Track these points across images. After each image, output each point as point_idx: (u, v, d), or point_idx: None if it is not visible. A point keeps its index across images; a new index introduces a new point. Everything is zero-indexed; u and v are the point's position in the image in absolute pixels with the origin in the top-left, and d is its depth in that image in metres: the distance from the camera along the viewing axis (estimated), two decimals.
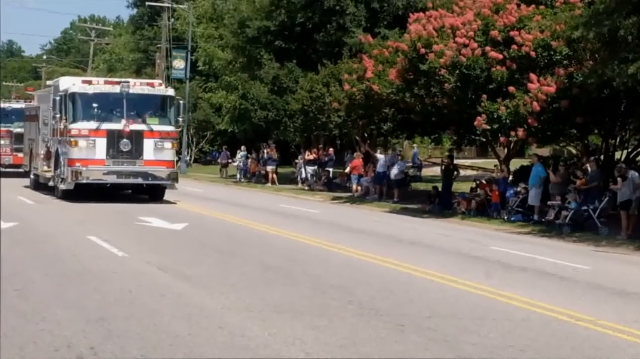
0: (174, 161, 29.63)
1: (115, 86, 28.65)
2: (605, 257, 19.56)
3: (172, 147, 28.84)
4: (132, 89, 28.44)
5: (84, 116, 27.95)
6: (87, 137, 27.63)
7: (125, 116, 27.85)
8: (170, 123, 28.87)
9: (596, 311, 12.26)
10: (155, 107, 29.14)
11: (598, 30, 21.79)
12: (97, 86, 28.77)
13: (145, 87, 29.37)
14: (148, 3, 70.22)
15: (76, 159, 27.64)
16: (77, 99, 28.04)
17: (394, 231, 23.44)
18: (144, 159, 28.03)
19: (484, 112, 25.45)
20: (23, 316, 10.57)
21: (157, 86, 30.21)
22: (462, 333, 10.52)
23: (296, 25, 43.48)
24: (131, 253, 16.60)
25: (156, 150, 28.13)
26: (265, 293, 12.79)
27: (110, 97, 28.26)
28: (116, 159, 27.79)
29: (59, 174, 28.75)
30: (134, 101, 28.35)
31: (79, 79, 30.39)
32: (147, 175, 28.28)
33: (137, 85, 29.53)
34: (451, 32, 27.18)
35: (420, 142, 52.36)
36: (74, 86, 28.54)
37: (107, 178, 28.03)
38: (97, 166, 27.70)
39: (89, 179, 27.71)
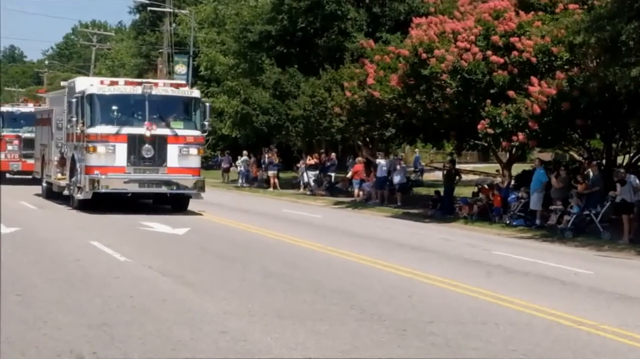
0: (200, 168, 27.46)
1: (136, 87, 26.48)
2: (608, 262, 19.54)
3: (198, 154, 26.77)
4: (155, 91, 26.28)
5: (103, 120, 25.90)
6: (106, 142, 25.54)
7: (147, 120, 25.79)
8: (195, 127, 26.78)
9: (598, 315, 12.25)
10: (180, 110, 27.10)
11: (599, 36, 21.79)
12: (117, 87, 26.64)
13: (169, 89, 27.02)
14: (150, 8, 70.27)
15: (94, 166, 25.57)
16: (96, 101, 25.94)
17: (396, 235, 23.44)
18: (168, 166, 25.91)
19: (487, 116, 25.45)
20: (25, 322, 10.57)
21: (182, 87, 27.91)
22: (464, 337, 10.51)
23: (298, 30, 43.49)
24: (133, 258, 16.60)
25: (181, 156, 26.06)
26: (267, 298, 12.79)
27: (131, 99, 26.28)
28: (138, 166, 25.71)
29: (75, 182, 26.72)
30: (157, 103, 26.29)
31: (97, 79, 28.41)
32: (172, 183, 26.13)
33: (161, 86, 27.26)
34: (452, 37, 27.19)
35: (422, 147, 52.36)
36: (91, 87, 26.41)
37: (128, 187, 25.93)
38: (117, 173, 25.60)
39: (108, 189, 25.58)
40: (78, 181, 26.33)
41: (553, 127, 25.11)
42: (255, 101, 45.04)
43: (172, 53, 64.34)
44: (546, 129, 25.05)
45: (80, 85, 27.31)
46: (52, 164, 30.25)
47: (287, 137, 45.06)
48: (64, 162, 28.57)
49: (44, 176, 32.46)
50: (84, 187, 25.83)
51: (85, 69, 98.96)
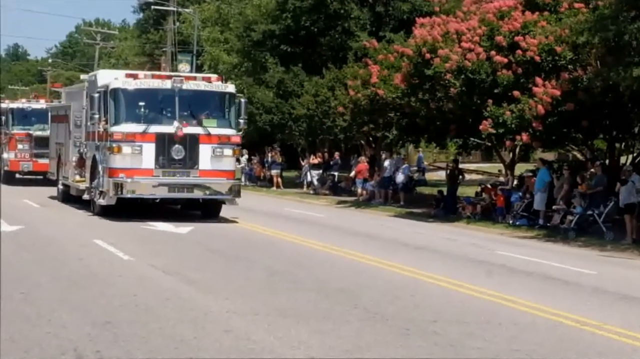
0: (235, 171, 25.40)
1: (165, 81, 24.00)
2: (611, 262, 19.53)
3: (233, 155, 24.44)
4: (186, 85, 23.91)
5: (129, 117, 23.58)
6: (132, 142, 23.21)
7: (177, 117, 23.56)
8: (230, 125, 24.29)
9: (602, 316, 12.24)
10: (213, 107, 24.74)
11: (603, 35, 21.79)
12: (144, 81, 24.02)
13: (201, 83, 24.52)
14: (154, 7, 70.31)
15: (119, 168, 23.23)
16: (120, 96, 23.60)
17: (399, 235, 23.44)
18: (200, 169, 23.63)
19: (490, 116, 25.44)
20: (28, 320, 10.59)
21: (215, 81, 25.03)
22: (468, 337, 10.51)
23: (301, 29, 43.48)
24: (137, 257, 16.62)
25: (214, 158, 23.70)
26: (270, 297, 12.80)
27: (159, 94, 23.93)
28: (167, 168, 23.38)
29: (97, 186, 24.30)
30: (188, 99, 24.04)
31: (121, 72, 25.67)
32: (204, 188, 23.72)
33: (192, 80, 24.75)
34: (456, 37, 27.17)
35: (426, 146, 52.34)
36: (116, 81, 23.93)
37: (157, 192, 23.51)
38: (145, 177, 23.26)
39: (134, 193, 23.27)
40: (100, 184, 24.04)
41: (557, 127, 25.09)
42: (259, 100, 45.03)
43: (176, 52, 64.41)
44: (550, 130, 25.04)
45: (103, 79, 25.16)
46: (70, 164, 28.04)
47: (291, 136, 45.05)
48: (83, 163, 26.48)
49: (60, 177, 29.98)
50: (107, 192, 23.50)
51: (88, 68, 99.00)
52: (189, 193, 23.86)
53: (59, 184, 30.12)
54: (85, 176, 26.09)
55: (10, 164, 39.22)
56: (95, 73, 26.85)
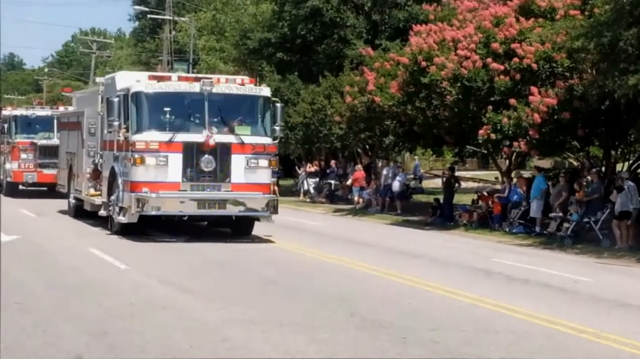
0: (271, 184, 22.86)
1: (193, 84, 21.58)
2: (608, 269, 19.53)
3: (268, 166, 21.89)
4: (216, 88, 21.48)
5: (152, 124, 21.23)
6: (157, 152, 20.80)
7: (207, 124, 21.13)
8: (265, 133, 21.93)
9: (599, 323, 12.24)
10: (247, 112, 22.30)
11: (598, 41, 21.82)
12: (170, 83, 21.62)
13: (233, 86, 22.09)
14: (150, 16, 70.36)
15: (142, 182, 20.77)
16: (143, 100, 21.22)
17: (396, 243, 23.43)
18: (232, 182, 21.26)
19: (488, 122, 25.46)
20: (24, 330, 10.57)
21: (248, 84, 22.81)
22: (465, 345, 10.50)
23: (297, 37, 43.52)
24: (133, 266, 16.60)
25: (248, 170, 21.40)
26: (267, 305, 12.78)
27: (186, 99, 21.63)
28: (195, 181, 20.99)
29: (116, 201, 21.76)
30: (219, 104, 21.67)
31: (144, 74, 23.24)
32: (237, 203, 21.27)
33: (223, 82, 22.23)
34: (452, 45, 27.21)
35: (422, 154, 52.39)
36: (138, 84, 21.47)
37: (184, 208, 21.08)
38: (171, 191, 20.84)
39: (159, 210, 20.83)
40: (120, 199, 21.49)
41: (553, 135, 25.12)
42: None
43: (172, 60, 64.42)
44: (546, 138, 25.05)
45: (123, 82, 22.60)
46: (83, 176, 25.49)
47: (287, 144, 45.05)
48: (98, 175, 24.15)
49: (72, 190, 27.29)
50: (128, 208, 21.00)
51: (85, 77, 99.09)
52: (220, 209, 21.34)
53: (70, 197, 27.65)
54: (101, 190, 23.87)
55: (14, 175, 36.93)
56: (114, 75, 24.51)
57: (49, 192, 34.19)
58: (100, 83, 24.99)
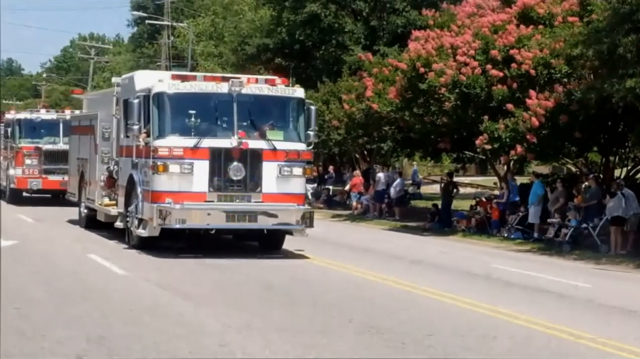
0: (305, 195, 21.41)
1: (221, 84, 19.65)
2: (606, 275, 19.55)
3: (303, 175, 20.03)
4: (246, 89, 19.59)
5: (176, 128, 19.40)
6: (181, 159, 18.93)
7: (236, 128, 19.32)
8: (299, 139, 20.08)
9: (597, 329, 12.25)
10: (279, 115, 20.56)
11: (597, 48, 21.85)
12: (195, 84, 19.72)
13: (264, 87, 20.18)
14: (148, 21, 70.42)
15: (164, 191, 18.91)
16: (166, 102, 19.41)
17: (395, 249, 23.43)
18: (263, 192, 19.39)
19: (485, 131, 25.48)
20: (23, 335, 10.57)
21: (280, 84, 20.73)
22: (463, 351, 10.52)
23: (296, 43, 43.58)
24: (131, 272, 16.60)
25: (281, 179, 19.53)
26: (265, 311, 12.79)
27: (213, 100, 19.73)
28: (223, 191, 19.16)
29: (134, 212, 19.96)
30: (249, 106, 19.83)
31: (166, 74, 21.84)
32: (270, 216, 19.32)
33: (253, 82, 20.24)
34: (451, 51, 27.24)
35: (420, 160, 52.42)
36: (160, 84, 19.57)
37: (212, 221, 19.01)
38: (197, 202, 18.97)
39: (184, 223, 18.84)
40: (139, 210, 19.67)
41: (551, 140, 25.13)
42: None
43: (170, 66, 64.46)
44: (544, 143, 25.07)
45: (143, 82, 20.64)
46: (96, 184, 23.64)
47: None
48: (113, 184, 22.39)
49: (84, 199, 25.32)
50: (148, 221, 19.21)
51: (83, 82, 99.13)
52: (251, 223, 19.34)
53: (81, 206, 25.62)
54: (116, 199, 22.14)
55: (17, 182, 34.90)
56: (132, 74, 22.35)
57: (53, 200, 33.57)
58: (115, 84, 22.96)
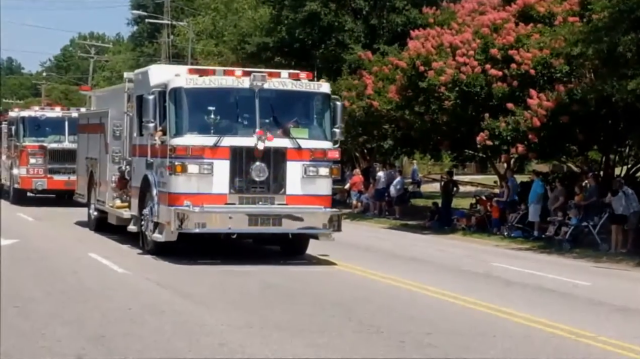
0: (331, 196, 19.70)
1: (242, 79, 18.40)
2: (606, 274, 19.54)
3: (329, 175, 18.79)
4: (269, 83, 18.42)
5: (194, 126, 18.18)
6: (201, 158, 17.78)
7: (258, 126, 18.07)
8: (325, 136, 18.85)
9: (597, 327, 12.25)
10: (304, 112, 19.39)
11: (597, 47, 21.84)
12: (214, 78, 18.54)
13: (288, 81, 18.87)
14: (148, 20, 70.40)
15: (183, 193, 17.77)
16: (183, 98, 18.21)
17: (395, 247, 23.42)
18: (287, 194, 18.22)
19: (486, 128, 25.48)
20: (23, 334, 10.57)
21: (304, 79, 19.22)
22: (463, 349, 10.51)
23: (295, 42, 43.54)
24: (131, 270, 16.59)
25: (306, 179, 18.37)
26: (265, 310, 12.78)
27: (234, 96, 18.63)
28: (245, 193, 17.98)
29: (149, 215, 18.80)
30: (271, 102, 18.67)
31: (183, 68, 20.59)
32: (294, 219, 18.11)
33: (275, 77, 18.95)
34: (450, 50, 27.23)
35: (420, 158, 52.41)
36: (177, 79, 18.39)
37: (233, 225, 17.77)
38: (217, 205, 17.87)
39: (204, 227, 17.63)
40: (154, 213, 18.51)
41: (552, 139, 25.13)
42: None
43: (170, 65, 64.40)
44: (545, 142, 25.07)
45: (158, 76, 19.50)
46: (107, 185, 22.52)
47: None
48: (125, 184, 21.32)
49: (94, 200, 24.25)
50: (165, 224, 18.03)
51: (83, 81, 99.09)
52: (275, 226, 18.12)
53: (90, 208, 24.56)
54: (128, 201, 21.12)
55: (22, 181, 33.92)
56: (146, 69, 21.09)
57: (58, 200, 33.07)
58: (127, 79, 21.90)
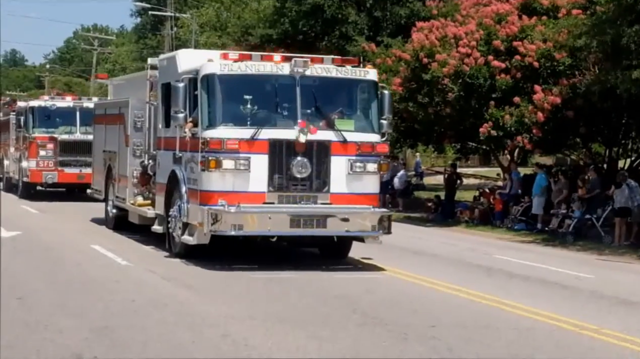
0: (379, 195, 18.28)
1: (281, 65, 16.64)
2: (609, 266, 19.53)
3: (377, 171, 17.05)
4: (311, 70, 16.62)
5: (229, 116, 16.42)
6: (237, 153, 16.00)
7: (299, 117, 16.30)
8: (372, 128, 17.05)
9: (600, 320, 12.24)
10: (349, 101, 17.64)
11: (601, 39, 21.80)
12: (251, 64, 16.61)
13: (332, 67, 17.00)
14: (151, 12, 70.35)
15: (217, 191, 16.00)
16: (217, 86, 16.38)
17: (397, 240, 23.33)
18: (331, 192, 16.43)
19: (490, 119, 25.46)
20: (26, 325, 10.58)
21: (349, 64, 17.43)
22: (466, 342, 10.51)
23: (299, 34, 43.52)
24: (134, 262, 16.60)
25: (352, 176, 16.57)
26: (268, 302, 12.79)
27: (273, 84, 16.78)
28: (285, 191, 16.21)
29: (177, 215, 17.03)
30: (314, 90, 16.82)
31: (216, 53, 18.46)
32: (341, 220, 16.27)
33: (318, 63, 17.04)
34: (454, 41, 27.20)
35: (424, 151, 52.40)
36: (210, 65, 16.52)
37: (274, 226, 16.03)
38: (255, 204, 16.05)
39: (241, 229, 15.82)
40: (183, 213, 16.76)
41: (556, 133, 25.13)
42: None
43: None
44: (549, 135, 25.06)
45: (189, 62, 17.71)
46: (127, 181, 20.94)
47: None
48: (148, 180, 19.87)
49: (112, 197, 22.65)
50: (198, 226, 16.24)
51: (86, 73, 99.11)
52: (319, 229, 16.30)
53: (108, 205, 23.00)
54: (151, 198, 19.62)
55: (31, 175, 32.34)
56: (174, 54, 19.44)
57: (68, 195, 32.36)
58: (149, 65, 20.11)
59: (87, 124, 29.80)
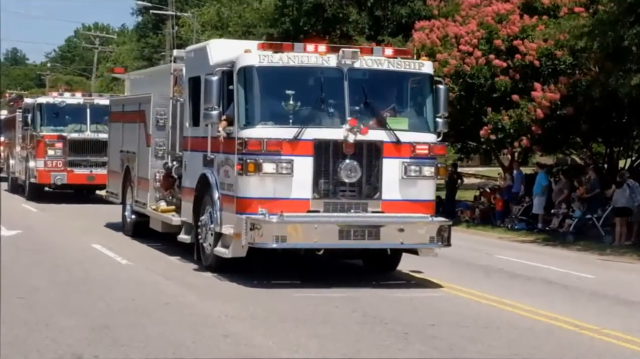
0: (435, 202, 15.87)
1: (327, 56, 14.77)
2: (610, 266, 19.53)
3: (434, 176, 15.22)
4: (360, 62, 14.81)
5: (269, 114, 14.72)
6: (278, 155, 14.23)
7: (347, 114, 14.52)
8: (428, 128, 15.27)
9: (600, 320, 12.24)
10: (402, 97, 15.74)
11: (602, 40, 21.78)
12: (293, 55, 14.74)
13: (383, 59, 15.15)
14: (152, 11, 70.33)
15: (255, 198, 14.22)
16: (255, 80, 14.61)
17: None
18: (383, 199, 14.65)
19: (489, 122, 25.47)
20: (27, 324, 10.58)
21: (402, 56, 15.62)
22: (467, 341, 10.51)
23: (300, 33, 43.49)
24: (135, 261, 16.60)
25: (406, 181, 14.81)
26: (269, 301, 12.79)
27: (318, 77, 15.00)
28: (331, 198, 14.42)
29: (208, 224, 15.30)
30: (363, 85, 15.03)
31: (252, 43, 16.52)
32: (396, 231, 14.50)
33: (368, 54, 15.26)
34: (455, 41, 27.20)
35: None
36: (248, 56, 14.65)
37: (321, 238, 14.26)
38: (299, 213, 14.28)
39: (284, 241, 14.03)
40: (216, 222, 14.97)
41: (556, 131, 25.12)
42: None
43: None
44: (549, 134, 25.06)
45: (222, 53, 15.79)
46: (148, 184, 19.20)
47: None
48: (172, 184, 18.18)
49: (130, 201, 20.77)
50: (233, 237, 14.38)
51: (87, 72, 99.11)
52: (372, 240, 14.47)
53: (126, 210, 21.13)
54: (175, 203, 18.02)
55: (39, 175, 30.88)
56: (204, 45, 17.26)
57: (77, 196, 31.47)
58: (174, 58, 18.73)
59: (98, 122, 29.25)
